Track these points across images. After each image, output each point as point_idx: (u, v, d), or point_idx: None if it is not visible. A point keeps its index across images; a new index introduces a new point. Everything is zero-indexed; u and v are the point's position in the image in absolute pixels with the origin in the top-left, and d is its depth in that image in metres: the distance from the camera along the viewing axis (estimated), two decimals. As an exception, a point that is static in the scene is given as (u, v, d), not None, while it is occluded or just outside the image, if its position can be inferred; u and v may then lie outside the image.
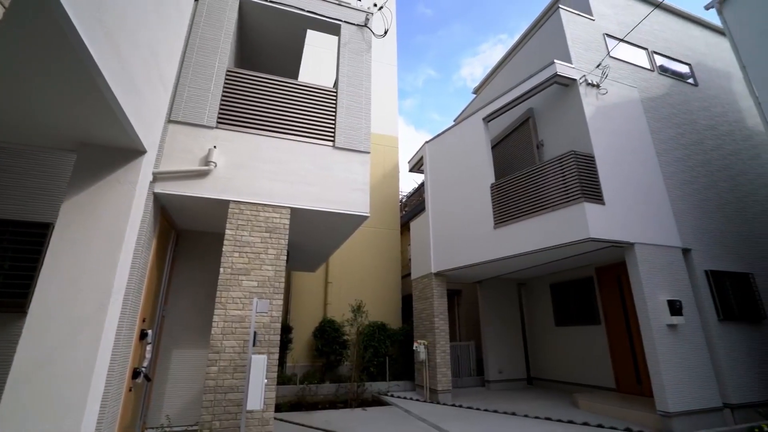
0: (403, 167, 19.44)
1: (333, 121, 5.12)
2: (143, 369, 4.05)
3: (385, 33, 6.02)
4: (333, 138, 5.04)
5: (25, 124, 2.98)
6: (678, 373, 5.35)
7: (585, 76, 6.69)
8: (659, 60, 8.11)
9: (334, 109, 5.18)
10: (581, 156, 6.01)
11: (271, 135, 4.75)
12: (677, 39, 8.69)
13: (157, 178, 4.07)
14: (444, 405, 7.11)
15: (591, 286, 7.95)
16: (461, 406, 6.98)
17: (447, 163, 8.81)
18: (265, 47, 6.42)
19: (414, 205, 13.64)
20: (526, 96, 7.11)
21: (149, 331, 4.22)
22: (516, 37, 15.49)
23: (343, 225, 5.30)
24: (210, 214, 4.74)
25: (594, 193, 5.80)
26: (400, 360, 9.22)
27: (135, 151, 3.46)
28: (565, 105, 6.89)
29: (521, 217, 6.48)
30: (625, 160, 6.39)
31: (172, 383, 4.95)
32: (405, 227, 12.36)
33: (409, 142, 56.65)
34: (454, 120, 14.49)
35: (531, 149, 7.72)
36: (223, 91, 4.72)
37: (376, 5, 6.15)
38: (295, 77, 7.02)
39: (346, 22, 5.73)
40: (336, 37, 5.80)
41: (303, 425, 5.59)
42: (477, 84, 13.09)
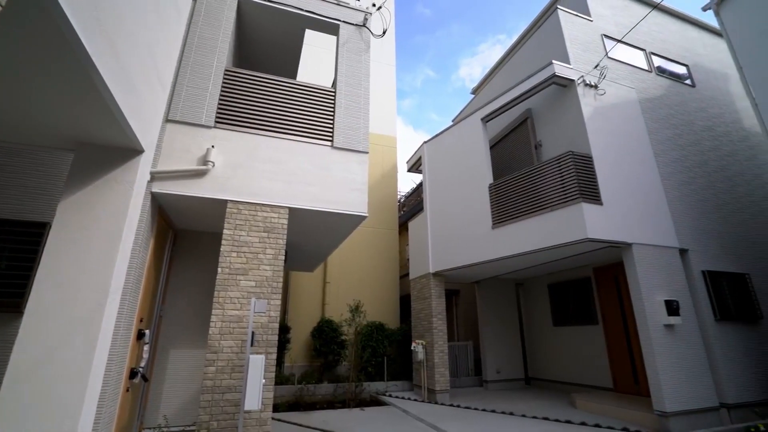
0: (402, 167, 19.61)
1: (331, 121, 5.12)
2: (140, 369, 4.04)
3: (384, 33, 6.03)
4: (331, 138, 5.04)
5: (24, 123, 2.97)
6: (675, 373, 5.37)
7: (583, 76, 6.71)
8: (657, 61, 8.14)
9: (332, 109, 5.18)
10: (579, 156, 6.03)
11: (270, 135, 4.75)
12: (675, 40, 8.73)
13: (155, 177, 4.06)
14: (442, 405, 7.12)
15: (589, 286, 7.97)
16: (459, 406, 6.99)
17: (445, 164, 8.81)
18: (264, 47, 6.42)
19: (412, 205, 13.65)
20: (524, 96, 7.13)
21: (147, 331, 4.21)
22: (514, 38, 15.53)
23: (342, 225, 5.30)
24: (208, 213, 4.73)
25: (592, 194, 5.82)
26: (398, 360, 9.22)
27: (133, 151, 3.46)
28: (563, 105, 6.90)
29: (519, 218, 6.49)
30: (623, 160, 6.41)
31: (169, 383, 4.94)
32: (403, 227, 12.37)
33: (408, 142, 56.76)
34: (452, 120, 14.52)
35: (529, 149, 7.73)
36: (222, 91, 4.71)
37: (374, 5, 6.15)
38: (294, 77, 7.02)
39: (344, 21, 5.73)
40: (334, 37, 5.80)
41: (301, 425, 5.59)
42: (475, 84, 13.11)
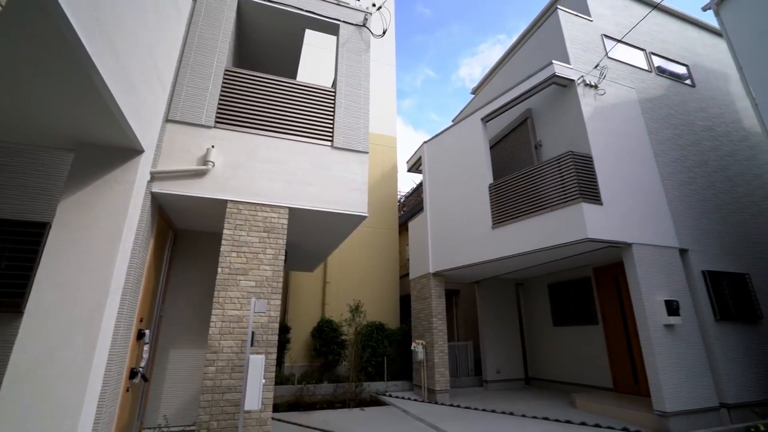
0: (402, 167, 19.61)
1: (331, 121, 5.12)
2: (140, 369, 4.04)
3: (384, 33, 6.02)
4: (331, 138, 5.04)
5: (24, 123, 2.97)
6: (675, 373, 5.37)
7: (583, 76, 6.71)
8: (657, 61, 8.14)
9: (332, 109, 5.18)
10: (579, 156, 6.03)
11: (270, 135, 4.75)
12: (675, 40, 8.73)
13: (155, 177, 4.06)
14: (442, 405, 7.12)
15: (589, 286, 7.97)
16: (459, 406, 6.98)
17: (445, 164, 8.81)
18: (264, 47, 6.42)
19: (412, 205, 13.65)
20: (524, 96, 7.13)
21: (147, 331, 4.21)
22: (514, 38, 15.52)
23: (342, 225, 5.30)
24: (208, 213, 4.73)
25: (592, 194, 5.82)
26: (398, 360, 9.22)
27: (133, 151, 3.46)
28: (564, 105, 6.90)
29: (519, 218, 6.49)
30: (623, 160, 6.41)
31: (169, 383, 4.94)
32: (403, 227, 12.37)
33: (408, 142, 56.79)
34: (452, 120, 14.52)
35: (529, 149, 7.73)
36: (222, 91, 4.71)
37: (374, 5, 6.15)
38: (294, 77, 7.02)
39: (344, 21, 5.73)
40: (334, 37, 5.80)
41: (301, 425, 5.59)
42: (475, 84, 13.11)
